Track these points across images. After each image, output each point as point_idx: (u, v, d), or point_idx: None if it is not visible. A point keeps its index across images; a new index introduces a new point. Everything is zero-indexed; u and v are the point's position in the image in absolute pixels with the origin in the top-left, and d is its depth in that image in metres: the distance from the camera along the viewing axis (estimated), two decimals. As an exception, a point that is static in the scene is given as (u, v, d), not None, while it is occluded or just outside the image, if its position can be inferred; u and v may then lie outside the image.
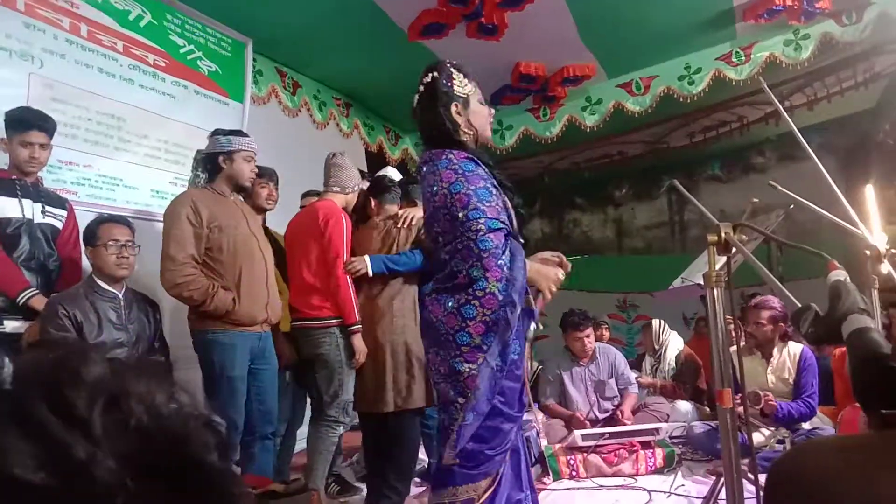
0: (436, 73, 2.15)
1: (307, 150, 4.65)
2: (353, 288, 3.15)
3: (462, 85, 2.13)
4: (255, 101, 4.64)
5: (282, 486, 2.42)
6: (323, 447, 3.15)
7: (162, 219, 3.00)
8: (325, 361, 3.15)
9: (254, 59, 4.59)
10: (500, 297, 1.94)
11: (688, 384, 5.09)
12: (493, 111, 2.21)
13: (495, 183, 2.08)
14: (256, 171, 3.16)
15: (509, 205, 2.10)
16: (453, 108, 2.11)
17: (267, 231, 3.51)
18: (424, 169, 2.10)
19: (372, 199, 3.65)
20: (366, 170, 5.09)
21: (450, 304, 2.00)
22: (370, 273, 3.19)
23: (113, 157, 3.55)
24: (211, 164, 3.08)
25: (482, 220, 1.95)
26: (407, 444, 3.23)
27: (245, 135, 3.16)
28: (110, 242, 2.69)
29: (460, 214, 1.98)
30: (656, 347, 5.36)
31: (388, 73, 5.13)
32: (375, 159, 5.89)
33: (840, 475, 0.44)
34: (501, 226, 1.98)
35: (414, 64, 2.09)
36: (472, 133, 2.14)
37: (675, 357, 5.27)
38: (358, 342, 3.13)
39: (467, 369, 1.95)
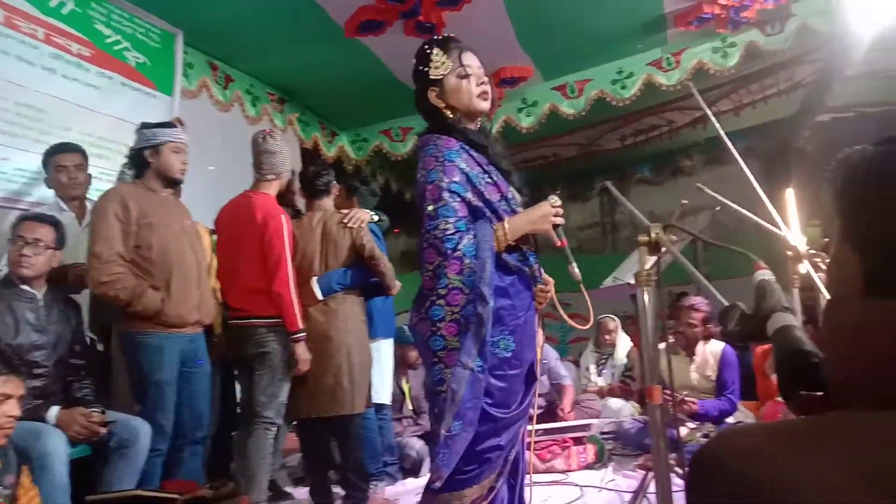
0: (415, 59, 2.03)
1: (239, 145, 4.52)
2: (297, 294, 3.10)
3: (437, 65, 1.98)
4: (186, 94, 4.50)
5: (210, 491, 2.35)
6: (264, 451, 3.08)
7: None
8: (269, 360, 3.08)
9: (184, 52, 4.45)
10: (467, 291, 1.80)
11: (636, 380, 5.22)
12: (481, 79, 2.00)
13: (488, 168, 1.95)
14: (187, 162, 3.02)
15: (508, 190, 1.99)
16: (432, 95, 1.99)
17: None
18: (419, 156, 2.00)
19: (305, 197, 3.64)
20: (300, 167, 5.00)
21: (421, 309, 1.87)
22: (320, 298, 3.19)
23: (32, 150, 3.37)
24: (138, 160, 2.98)
25: (452, 220, 1.83)
26: (363, 443, 3.33)
27: (173, 125, 3.05)
28: (17, 239, 2.57)
29: (430, 208, 1.86)
30: (609, 338, 5.44)
31: (324, 69, 5.07)
32: (310, 156, 5.80)
33: (761, 458, 0.45)
34: (466, 229, 1.85)
35: (351, 60, 2.03)
36: (457, 114, 1.99)
37: (627, 354, 5.40)
38: (301, 350, 3.08)
39: (448, 375, 1.79)
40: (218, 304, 3.25)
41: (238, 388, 3.56)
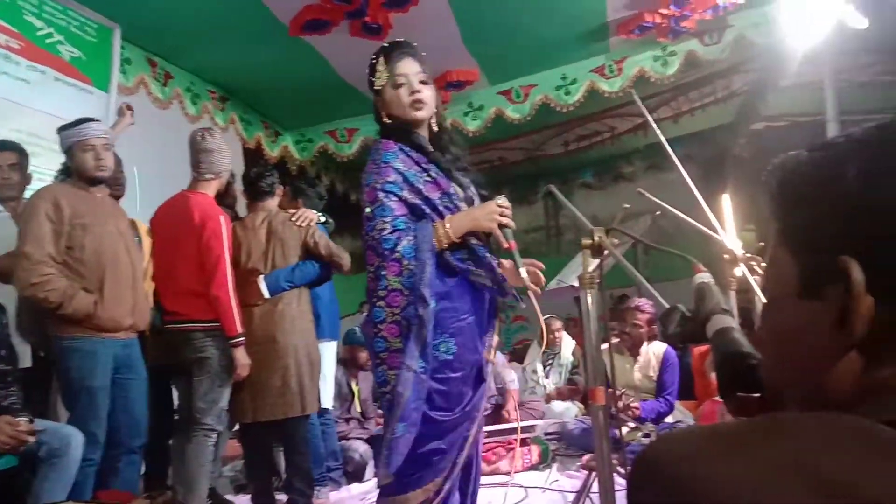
0: (367, 70, 2.05)
1: (179, 143, 4.42)
2: (236, 297, 3.03)
3: (378, 76, 2.01)
4: (123, 90, 4.35)
5: (147, 500, 2.28)
6: (203, 459, 3.00)
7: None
8: (207, 366, 3.01)
9: (122, 47, 4.31)
10: (407, 293, 1.82)
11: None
12: (414, 87, 1.98)
13: (427, 167, 1.96)
14: (103, 159, 2.87)
15: (449, 186, 1.98)
16: (378, 104, 2.04)
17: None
18: None
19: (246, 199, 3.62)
20: (243, 167, 4.90)
21: (367, 310, 1.91)
22: (266, 296, 3.15)
23: (-43, 146, 3.21)
24: (63, 166, 2.91)
25: (388, 219, 1.85)
26: (309, 448, 3.30)
27: (82, 122, 2.91)
28: None
29: (367, 210, 1.89)
30: (556, 337, 5.50)
31: (267, 68, 4.98)
32: (253, 156, 5.69)
33: (694, 460, 0.46)
34: (404, 227, 1.87)
35: (295, 60, 2.00)
36: (398, 121, 2.02)
37: (572, 352, 5.47)
38: (241, 355, 3.01)
39: (392, 376, 1.80)
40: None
41: (176, 393, 3.48)
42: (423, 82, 2.00)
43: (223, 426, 3.14)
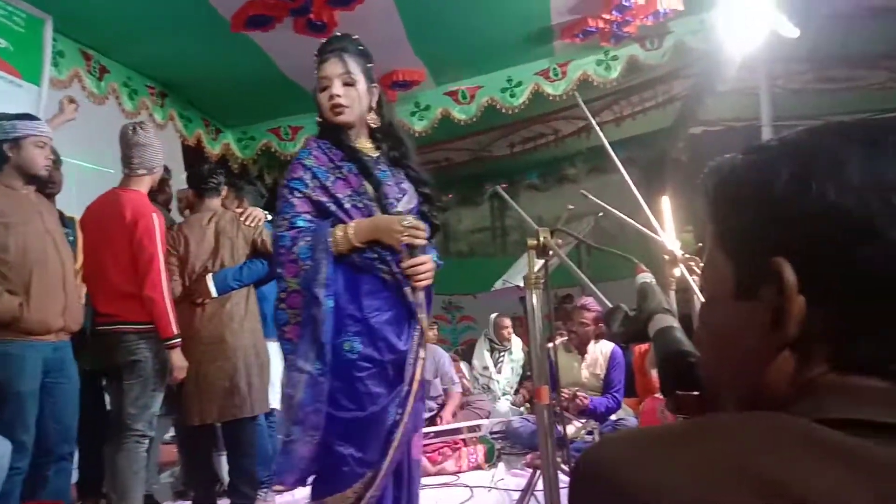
0: None
1: (114, 140, 4.27)
2: (171, 296, 2.95)
3: (315, 76, 1.99)
4: (55, 84, 4.18)
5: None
6: (136, 465, 2.90)
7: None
8: (139, 369, 2.91)
9: (54, 39, 4.14)
10: (305, 294, 1.78)
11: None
12: (332, 91, 1.93)
13: (340, 164, 1.91)
14: (53, 158, 2.84)
15: (361, 185, 1.92)
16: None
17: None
18: None
19: (192, 191, 3.56)
20: (182, 165, 4.78)
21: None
22: (214, 295, 3.09)
23: None
24: None
25: (289, 215, 1.84)
26: (256, 450, 3.23)
27: (34, 118, 2.85)
28: None
29: (277, 206, 1.90)
30: (506, 336, 5.53)
31: (208, 64, 4.86)
32: (193, 153, 5.55)
33: (631, 462, 0.46)
34: (304, 225, 1.83)
35: (237, 56, 1.96)
36: (325, 122, 1.99)
37: (522, 348, 5.52)
38: (177, 357, 2.93)
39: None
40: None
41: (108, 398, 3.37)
42: (347, 84, 1.95)
43: (154, 432, 3.05)
